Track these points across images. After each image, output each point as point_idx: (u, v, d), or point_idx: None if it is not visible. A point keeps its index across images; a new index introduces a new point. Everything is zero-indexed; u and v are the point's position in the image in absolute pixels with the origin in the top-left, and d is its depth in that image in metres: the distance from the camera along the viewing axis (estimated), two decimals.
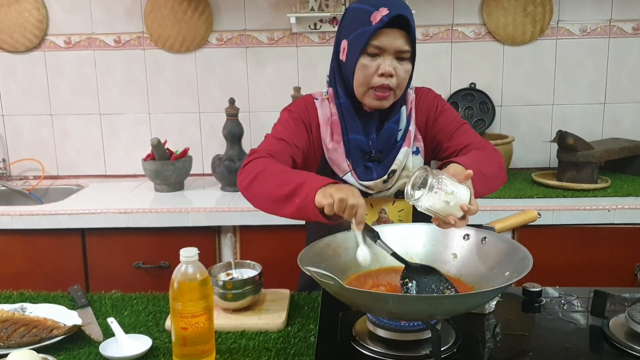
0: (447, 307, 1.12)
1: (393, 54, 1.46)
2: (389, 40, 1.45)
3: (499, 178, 1.49)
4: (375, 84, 1.47)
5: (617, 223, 2.23)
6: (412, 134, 1.57)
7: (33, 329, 1.29)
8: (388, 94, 1.49)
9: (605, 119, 2.81)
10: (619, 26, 2.72)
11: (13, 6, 2.76)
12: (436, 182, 1.17)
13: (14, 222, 2.29)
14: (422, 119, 1.61)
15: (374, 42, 1.44)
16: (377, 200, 1.58)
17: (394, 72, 1.46)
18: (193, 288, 1.13)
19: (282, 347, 1.25)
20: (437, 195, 1.17)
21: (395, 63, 1.47)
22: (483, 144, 1.54)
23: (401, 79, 1.49)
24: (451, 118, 1.59)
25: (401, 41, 1.45)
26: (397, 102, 1.56)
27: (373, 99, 1.50)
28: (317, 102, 1.60)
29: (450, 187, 1.18)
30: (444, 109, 1.61)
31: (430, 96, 1.64)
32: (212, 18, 2.76)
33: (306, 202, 1.25)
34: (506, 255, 1.27)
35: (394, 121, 1.57)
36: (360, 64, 1.47)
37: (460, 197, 1.19)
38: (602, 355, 1.23)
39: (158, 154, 2.56)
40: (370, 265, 1.37)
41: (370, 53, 1.46)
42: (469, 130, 1.58)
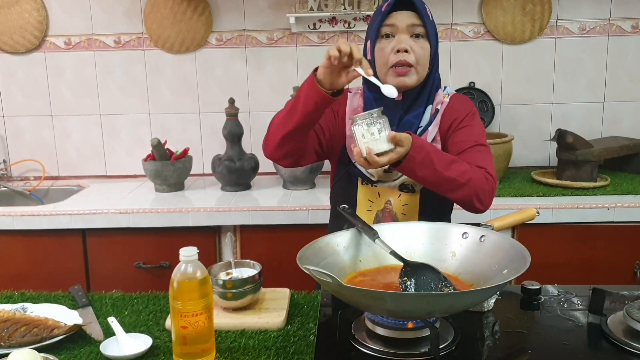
0: (445, 305, 1.13)
1: (407, 31, 1.53)
2: (398, 18, 1.54)
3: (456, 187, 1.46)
4: (392, 61, 1.53)
5: (617, 221, 2.24)
6: (430, 134, 1.59)
7: (34, 328, 1.29)
8: (407, 70, 1.53)
9: (604, 118, 2.81)
10: (618, 24, 2.73)
11: (13, 7, 2.77)
12: (373, 120, 1.39)
13: (15, 223, 2.30)
14: (446, 124, 1.61)
15: (386, 22, 1.54)
16: (384, 191, 1.62)
17: (410, 49, 1.52)
18: (193, 287, 1.14)
19: (282, 346, 1.25)
20: (366, 128, 1.38)
21: (410, 41, 1.53)
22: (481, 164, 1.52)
23: (419, 55, 1.54)
24: (472, 135, 1.58)
25: (411, 19, 1.53)
26: (421, 97, 1.59)
27: (394, 77, 1.54)
28: (350, 94, 1.69)
29: (376, 131, 1.38)
30: (470, 124, 1.60)
31: (464, 105, 1.64)
32: (212, 18, 2.77)
33: (306, 87, 1.41)
34: (504, 253, 1.27)
35: (415, 116, 1.60)
36: (378, 48, 1.56)
37: (375, 144, 1.38)
38: (601, 352, 1.23)
39: (158, 154, 2.56)
40: (370, 263, 1.39)
41: (384, 34, 1.55)
42: (481, 152, 1.56)
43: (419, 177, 1.45)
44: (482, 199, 1.49)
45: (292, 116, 1.47)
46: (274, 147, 1.56)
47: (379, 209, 1.63)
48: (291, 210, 2.27)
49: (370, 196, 1.64)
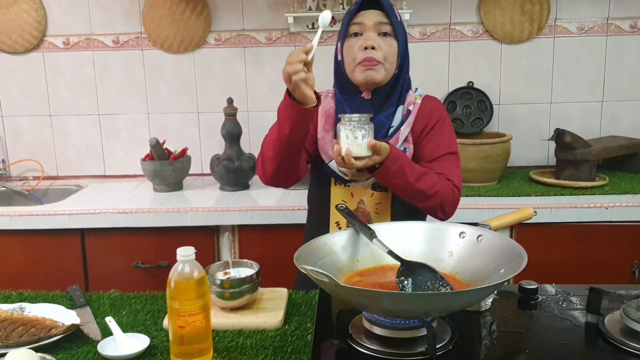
0: (442, 304, 1.13)
1: (374, 29, 1.57)
2: (366, 16, 1.58)
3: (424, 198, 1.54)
4: (360, 58, 1.57)
5: (615, 221, 2.24)
6: (402, 134, 1.62)
7: (32, 328, 1.29)
8: (375, 64, 1.56)
9: (603, 117, 2.81)
10: (616, 24, 2.73)
11: (11, 7, 2.77)
12: (361, 124, 1.44)
13: (13, 223, 2.30)
14: (419, 127, 1.65)
15: (354, 21, 1.58)
16: (357, 190, 1.65)
17: (377, 46, 1.56)
18: (190, 287, 1.14)
19: (280, 346, 1.25)
20: (351, 130, 1.44)
21: (378, 39, 1.57)
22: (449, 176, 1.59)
23: (386, 52, 1.58)
24: (443, 142, 1.64)
25: (378, 17, 1.58)
26: (392, 98, 1.63)
27: (362, 71, 1.58)
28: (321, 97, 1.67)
29: (360, 136, 1.44)
30: (442, 129, 1.66)
31: (436, 109, 1.68)
32: (210, 18, 2.77)
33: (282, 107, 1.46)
34: (501, 253, 1.28)
35: (386, 116, 1.63)
36: (346, 46, 1.60)
37: (356, 148, 1.45)
38: (598, 352, 1.23)
39: (157, 154, 2.56)
40: (367, 263, 1.39)
41: (353, 32, 1.59)
42: (450, 162, 1.63)
43: (391, 185, 1.54)
44: (446, 210, 1.59)
45: (282, 140, 1.50)
46: (272, 174, 1.59)
47: (352, 209, 1.65)
48: (289, 210, 2.27)
49: (343, 196, 1.66)
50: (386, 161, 1.48)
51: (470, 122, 2.72)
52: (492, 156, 2.49)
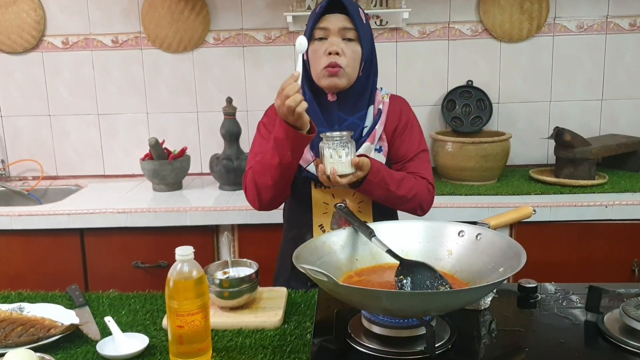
0: (440, 303, 1.13)
1: (338, 34, 1.58)
2: (331, 21, 1.59)
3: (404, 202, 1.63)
4: (324, 63, 1.58)
5: (615, 219, 2.24)
6: (377, 133, 1.66)
7: (31, 328, 1.29)
8: (338, 71, 1.58)
9: (602, 115, 2.81)
10: (615, 22, 2.72)
11: (10, 7, 2.77)
12: (343, 143, 1.49)
13: (13, 223, 2.30)
14: (391, 126, 1.70)
15: (319, 26, 1.59)
16: (338, 191, 1.67)
17: (341, 52, 1.57)
18: (189, 286, 1.14)
19: (279, 345, 1.25)
20: (334, 149, 1.48)
21: (342, 44, 1.58)
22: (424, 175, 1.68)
23: (349, 58, 1.59)
24: (414, 141, 1.71)
25: (343, 22, 1.58)
26: (362, 100, 1.66)
27: (326, 78, 1.60)
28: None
29: (344, 154, 1.49)
30: (413, 129, 1.72)
31: (404, 108, 1.74)
32: (209, 18, 2.76)
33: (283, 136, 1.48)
34: (501, 252, 1.28)
35: (359, 117, 1.66)
36: (311, 50, 1.61)
37: (340, 166, 1.49)
38: (597, 350, 1.23)
39: (156, 153, 2.56)
40: (366, 262, 1.39)
41: (318, 37, 1.60)
42: (422, 160, 1.71)
43: (374, 196, 1.60)
44: (424, 208, 1.68)
45: (284, 168, 1.54)
46: (269, 201, 1.64)
47: (334, 210, 1.67)
48: None
49: (324, 199, 1.67)
50: (369, 175, 1.54)
51: (470, 121, 2.72)
52: (492, 155, 2.49)
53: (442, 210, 2.26)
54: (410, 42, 2.77)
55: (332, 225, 1.67)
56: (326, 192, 1.67)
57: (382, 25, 2.74)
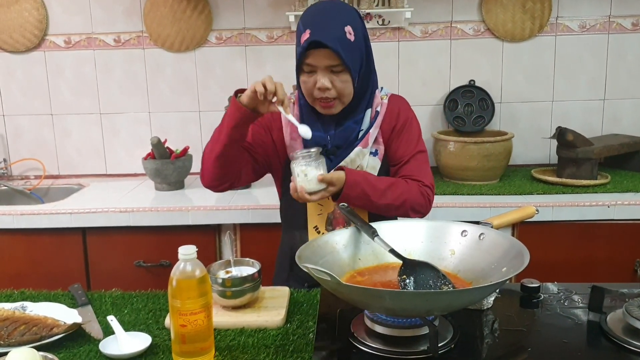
0: (443, 303, 1.13)
1: (325, 70, 1.55)
2: (316, 59, 1.55)
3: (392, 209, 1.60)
4: (316, 96, 1.58)
5: (617, 219, 2.23)
6: (371, 136, 1.65)
7: (33, 327, 1.29)
8: (332, 103, 1.59)
9: (604, 115, 2.81)
10: (618, 22, 2.72)
11: (13, 6, 2.77)
12: (310, 160, 1.49)
13: (15, 222, 2.30)
14: (388, 126, 1.68)
15: (306, 61, 1.56)
16: None
17: (330, 85, 1.56)
18: (191, 286, 1.14)
19: (281, 344, 1.25)
20: (301, 168, 1.49)
21: (331, 76, 1.56)
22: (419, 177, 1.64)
23: (339, 89, 1.57)
24: (411, 143, 1.68)
25: (328, 59, 1.54)
26: (360, 104, 1.65)
27: (321, 108, 1.61)
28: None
29: (310, 172, 1.48)
30: (410, 129, 1.69)
31: (403, 108, 1.72)
32: (212, 17, 2.76)
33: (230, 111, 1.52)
34: (504, 251, 1.27)
35: (356, 121, 1.65)
36: (302, 80, 1.60)
37: (307, 184, 1.49)
38: (600, 350, 1.23)
39: (158, 152, 2.56)
40: (369, 262, 1.39)
41: (306, 71, 1.58)
42: (419, 161, 1.68)
43: (355, 206, 1.54)
44: (419, 210, 1.63)
45: (219, 139, 1.57)
46: (209, 175, 1.67)
47: (329, 211, 1.66)
48: None
49: (321, 201, 1.64)
50: (344, 189, 1.52)
51: (472, 121, 2.72)
52: (494, 154, 2.49)
53: (444, 209, 2.26)
54: (413, 42, 2.77)
55: (326, 227, 1.67)
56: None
57: (384, 24, 2.74)
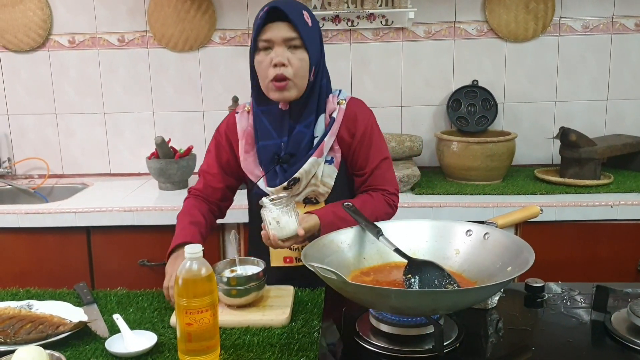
0: (449, 302, 1.13)
1: (282, 44, 1.52)
2: (274, 32, 1.51)
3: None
4: (271, 76, 1.53)
5: (620, 219, 2.24)
6: (327, 145, 1.60)
7: (39, 325, 1.30)
8: (285, 83, 1.53)
9: (607, 116, 2.81)
10: (621, 22, 2.72)
11: (17, 6, 2.78)
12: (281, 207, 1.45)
13: (19, 221, 2.31)
14: (347, 133, 1.63)
15: (261, 37, 1.52)
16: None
17: (287, 62, 1.52)
18: (198, 284, 1.14)
19: (286, 343, 1.25)
20: (272, 215, 1.45)
21: (287, 53, 1.52)
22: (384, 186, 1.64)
23: (296, 68, 1.54)
24: (375, 151, 1.65)
25: (285, 30, 1.51)
26: (309, 106, 1.60)
27: (274, 91, 1.55)
28: (237, 115, 1.69)
29: (283, 221, 1.45)
30: (372, 137, 1.65)
31: (361, 113, 1.66)
32: (215, 17, 2.77)
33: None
34: (508, 251, 1.28)
35: (306, 125, 1.60)
36: (257, 61, 1.55)
37: (280, 232, 1.45)
38: (604, 350, 1.23)
39: (162, 152, 2.57)
40: (374, 261, 1.39)
41: (262, 47, 1.53)
42: (383, 170, 1.66)
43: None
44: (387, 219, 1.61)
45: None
46: None
47: None
48: None
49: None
50: (320, 234, 1.48)
51: (475, 121, 2.72)
52: (497, 154, 2.49)
53: (448, 209, 2.26)
54: (416, 42, 2.77)
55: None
56: None
57: (387, 24, 2.74)
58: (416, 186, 2.46)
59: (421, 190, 2.43)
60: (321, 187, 1.62)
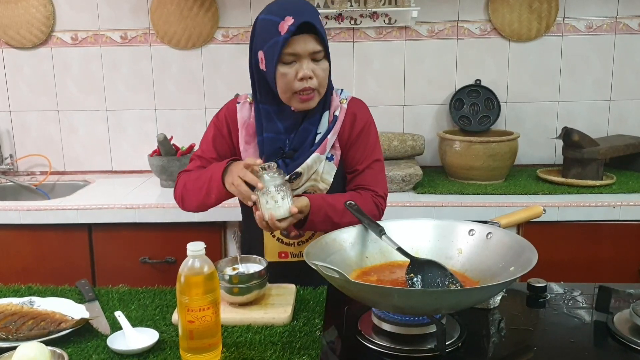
0: (452, 301, 1.13)
1: (308, 57, 1.52)
2: (301, 46, 1.50)
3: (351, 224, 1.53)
4: (297, 88, 1.53)
5: (622, 220, 2.23)
6: (329, 142, 1.62)
7: (41, 322, 1.30)
8: (312, 95, 1.55)
9: (610, 116, 2.81)
10: (625, 22, 2.72)
11: (20, 3, 2.78)
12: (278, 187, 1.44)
13: (21, 217, 2.31)
14: (346, 132, 1.65)
15: (288, 51, 1.50)
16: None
17: (313, 74, 1.52)
18: (200, 282, 1.14)
19: (288, 341, 1.25)
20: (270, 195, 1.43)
21: (312, 65, 1.53)
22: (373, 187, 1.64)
23: (321, 79, 1.55)
24: (367, 150, 1.66)
25: (312, 44, 1.51)
26: (318, 103, 1.61)
27: (299, 102, 1.56)
28: (238, 105, 1.69)
29: (280, 198, 1.44)
30: (368, 137, 1.67)
31: (361, 113, 1.68)
32: (218, 15, 2.77)
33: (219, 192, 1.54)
34: (511, 251, 1.28)
35: (311, 122, 1.62)
36: (280, 73, 1.53)
37: (278, 211, 1.44)
38: (607, 350, 1.23)
39: (164, 149, 2.57)
40: (376, 260, 1.39)
41: (286, 62, 1.52)
42: (375, 171, 1.67)
43: (319, 229, 1.58)
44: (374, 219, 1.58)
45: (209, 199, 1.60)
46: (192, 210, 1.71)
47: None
48: None
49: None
50: (310, 216, 1.52)
51: (478, 120, 2.72)
52: (499, 154, 2.49)
53: (450, 209, 2.26)
54: (419, 41, 2.76)
55: (281, 231, 1.65)
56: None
57: (390, 23, 2.74)
58: (418, 185, 2.46)
59: (423, 189, 2.43)
60: (320, 184, 1.63)
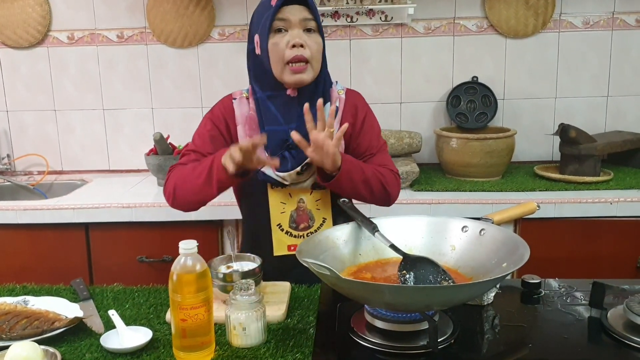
0: (443, 298, 1.13)
1: (299, 25, 1.52)
2: (291, 12, 1.51)
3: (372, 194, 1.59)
4: (288, 57, 1.51)
5: (620, 216, 2.23)
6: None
7: (35, 321, 1.30)
8: (304, 67, 1.53)
9: (608, 112, 2.80)
10: (622, 18, 2.71)
11: (16, 2, 2.78)
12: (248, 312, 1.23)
13: (18, 217, 2.31)
14: (349, 121, 1.63)
15: (278, 16, 1.51)
16: (295, 191, 1.64)
17: (305, 43, 1.51)
18: (192, 280, 1.14)
19: (282, 339, 1.25)
20: (240, 318, 1.22)
21: (304, 35, 1.52)
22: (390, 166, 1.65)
23: (314, 50, 1.54)
24: (374, 136, 1.68)
25: (303, 13, 1.52)
26: (316, 94, 1.59)
27: (291, 74, 1.54)
28: (235, 102, 1.67)
29: (252, 327, 1.22)
30: (372, 124, 1.69)
31: (360, 103, 1.70)
32: (214, 13, 2.76)
33: (221, 175, 1.47)
34: (504, 247, 1.27)
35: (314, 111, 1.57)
36: (271, 43, 1.52)
37: (246, 340, 1.23)
38: (601, 346, 1.23)
39: (161, 148, 2.57)
40: (369, 257, 1.39)
41: (277, 28, 1.52)
42: (385, 152, 1.69)
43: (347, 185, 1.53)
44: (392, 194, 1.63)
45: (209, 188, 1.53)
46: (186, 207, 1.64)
47: (292, 209, 1.64)
48: None
49: (282, 198, 1.63)
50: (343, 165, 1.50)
51: (475, 117, 2.72)
52: (496, 151, 2.49)
53: (447, 206, 2.26)
54: (415, 38, 2.76)
55: (290, 224, 1.64)
56: (283, 192, 1.63)
57: (387, 20, 2.74)
58: (415, 183, 2.46)
59: (420, 186, 2.43)
60: None
